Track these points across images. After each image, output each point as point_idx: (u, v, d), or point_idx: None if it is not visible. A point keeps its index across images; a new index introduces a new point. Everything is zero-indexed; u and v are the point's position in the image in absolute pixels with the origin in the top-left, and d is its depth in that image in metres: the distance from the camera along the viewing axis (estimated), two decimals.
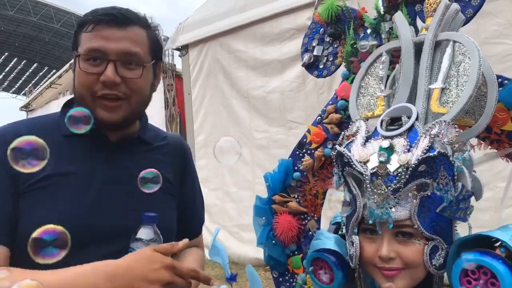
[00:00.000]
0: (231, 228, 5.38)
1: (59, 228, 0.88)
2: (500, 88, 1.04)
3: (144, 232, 1.03)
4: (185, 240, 1.07)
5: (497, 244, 0.88)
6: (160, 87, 9.70)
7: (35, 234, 0.85)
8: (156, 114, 9.32)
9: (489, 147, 1.11)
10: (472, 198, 0.99)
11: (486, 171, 1.64)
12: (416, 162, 0.88)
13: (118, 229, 1.07)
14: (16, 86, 42.12)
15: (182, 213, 1.31)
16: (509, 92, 1.03)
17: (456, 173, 0.92)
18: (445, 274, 0.97)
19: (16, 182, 1.05)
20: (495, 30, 3.25)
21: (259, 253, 2.45)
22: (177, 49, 6.09)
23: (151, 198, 1.16)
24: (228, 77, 5.41)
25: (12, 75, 39.50)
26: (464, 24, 1.10)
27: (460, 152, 0.92)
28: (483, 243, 0.89)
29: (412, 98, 1.05)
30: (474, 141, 1.11)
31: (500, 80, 1.05)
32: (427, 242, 0.93)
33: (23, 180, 1.05)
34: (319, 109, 1.40)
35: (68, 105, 1.24)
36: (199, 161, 5.73)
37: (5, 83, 41.66)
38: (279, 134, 4.99)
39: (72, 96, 1.25)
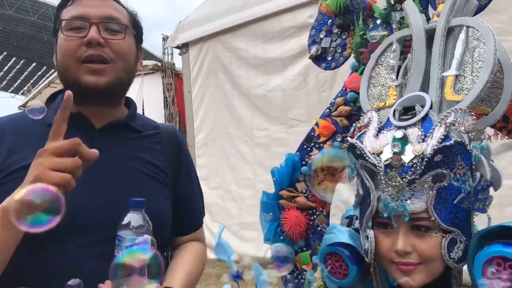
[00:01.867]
0: (232, 226, 5.35)
1: (51, 187, 0.79)
2: None
3: (132, 218, 0.96)
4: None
5: None
6: (160, 86, 9.69)
7: (19, 195, 0.77)
8: (155, 113, 9.31)
9: (506, 137, 1.08)
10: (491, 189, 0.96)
11: None
12: (431, 152, 0.85)
13: (104, 217, 1.04)
14: (14, 86, 42.04)
15: (180, 205, 1.28)
16: None
17: (474, 162, 0.89)
18: (463, 268, 0.94)
19: None
20: (498, 27, 3.23)
21: (260, 251, 2.42)
22: (177, 47, 6.06)
23: (140, 185, 1.13)
24: (229, 75, 5.39)
25: (10, 75, 39.41)
26: (479, 12, 1.07)
27: (477, 141, 0.89)
28: (505, 234, 0.86)
29: (425, 87, 1.02)
30: (490, 131, 1.08)
31: None
32: (444, 235, 0.90)
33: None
34: (320, 107, 1.38)
35: (53, 98, 1.23)
36: (199, 160, 5.70)
37: (4, 83, 41.58)
38: (280, 132, 4.97)
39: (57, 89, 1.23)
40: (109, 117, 1.19)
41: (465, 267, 0.93)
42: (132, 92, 1.31)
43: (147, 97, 9.33)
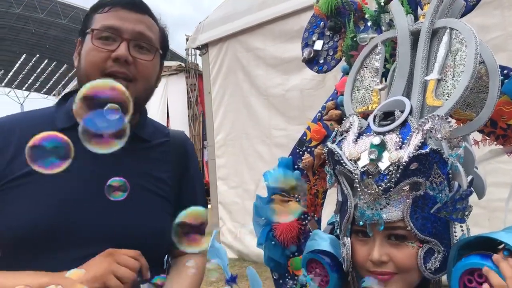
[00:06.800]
0: (251, 226, 5.36)
1: (61, 135, 0.82)
2: (506, 80, 0.97)
3: None
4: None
5: (501, 246, 0.83)
6: (183, 86, 9.79)
7: (32, 142, 0.80)
8: (179, 114, 9.41)
9: (495, 143, 1.04)
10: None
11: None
12: (407, 159, 0.83)
13: (100, 230, 1.04)
14: (47, 87, 43.40)
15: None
16: None
17: (450, 171, 0.86)
18: (443, 278, 0.91)
19: None
20: None
21: None
22: (197, 48, 6.10)
23: (141, 202, 1.13)
24: (247, 75, 5.39)
25: (43, 76, 40.71)
26: (467, 13, 1.03)
27: (456, 148, 0.86)
28: (485, 245, 0.83)
29: (409, 91, 0.99)
30: (478, 136, 1.04)
31: (506, 71, 0.98)
32: (421, 245, 0.87)
33: (1, 176, 1.03)
34: None
35: (65, 98, 1.21)
36: (218, 160, 5.74)
37: (37, 84, 42.96)
38: (299, 132, 4.91)
39: (71, 89, 1.23)
40: None
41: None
42: (157, 93, 1.31)
43: (171, 98, 9.44)
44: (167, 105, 9.27)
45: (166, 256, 1.32)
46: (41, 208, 1.01)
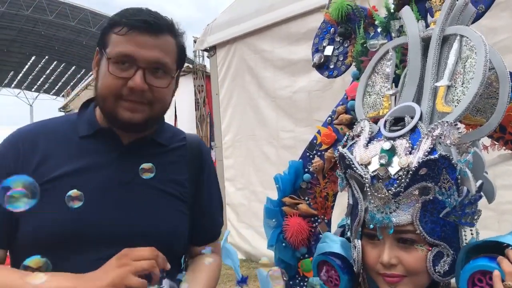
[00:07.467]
0: (258, 228, 5.38)
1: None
2: None
3: None
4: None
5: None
6: (191, 88, 9.84)
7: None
8: (186, 115, 9.45)
9: (504, 148, 1.05)
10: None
11: None
12: (416, 165, 0.85)
13: (120, 231, 1.07)
14: (56, 88, 43.77)
15: (198, 216, 1.29)
16: None
17: (459, 176, 0.88)
18: (453, 280, 0.93)
19: None
20: None
21: None
22: (205, 50, 6.15)
23: (158, 203, 1.16)
24: (254, 77, 5.41)
25: (52, 78, 41.07)
26: (476, 20, 1.05)
27: (465, 154, 0.88)
28: (493, 248, 0.85)
29: (419, 97, 1.01)
30: (487, 141, 1.06)
31: None
32: (430, 248, 0.89)
33: None
34: None
35: (86, 106, 1.25)
36: (226, 161, 5.77)
37: (46, 85, 43.35)
38: (306, 134, 4.95)
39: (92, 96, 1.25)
40: (138, 133, 1.20)
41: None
42: None
43: (179, 99, 9.47)
44: (175, 106, 9.30)
45: (183, 256, 1.35)
46: (64, 212, 1.04)
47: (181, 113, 9.45)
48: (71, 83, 38.12)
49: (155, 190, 1.17)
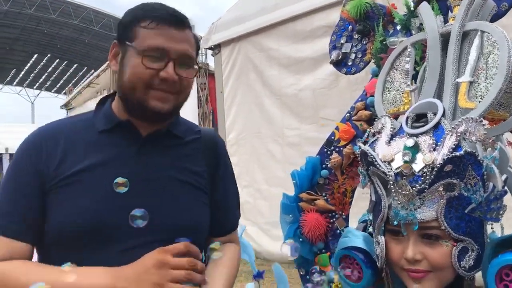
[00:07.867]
0: (263, 225, 5.39)
1: None
2: None
3: None
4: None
5: None
6: (193, 85, 9.86)
7: None
8: (189, 112, 9.46)
9: None
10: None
11: None
12: (441, 162, 0.85)
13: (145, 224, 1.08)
14: (57, 86, 43.81)
15: (215, 209, 1.31)
16: None
17: (485, 172, 0.88)
18: (477, 275, 0.94)
19: (43, 179, 1.10)
20: None
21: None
22: (210, 48, 6.15)
23: (178, 193, 1.18)
24: (260, 75, 5.42)
25: (54, 75, 41.10)
26: (499, 18, 1.06)
27: (491, 149, 0.88)
28: None
29: (440, 93, 1.02)
30: (510, 137, 1.07)
31: None
32: (455, 244, 0.90)
33: (51, 177, 1.09)
34: None
35: (102, 102, 1.28)
36: (231, 158, 5.77)
37: (48, 83, 43.40)
38: (311, 132, 4.95)
39: (107, 94, 1.27)
40: (157, 124, 1.23)
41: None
42: None
43: None
44: None
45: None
46: (87, 204, 1.07)
47: (184, 110, 9.40)
48: (73, 81, 38.16)
49: (177, 182, 1.19)
